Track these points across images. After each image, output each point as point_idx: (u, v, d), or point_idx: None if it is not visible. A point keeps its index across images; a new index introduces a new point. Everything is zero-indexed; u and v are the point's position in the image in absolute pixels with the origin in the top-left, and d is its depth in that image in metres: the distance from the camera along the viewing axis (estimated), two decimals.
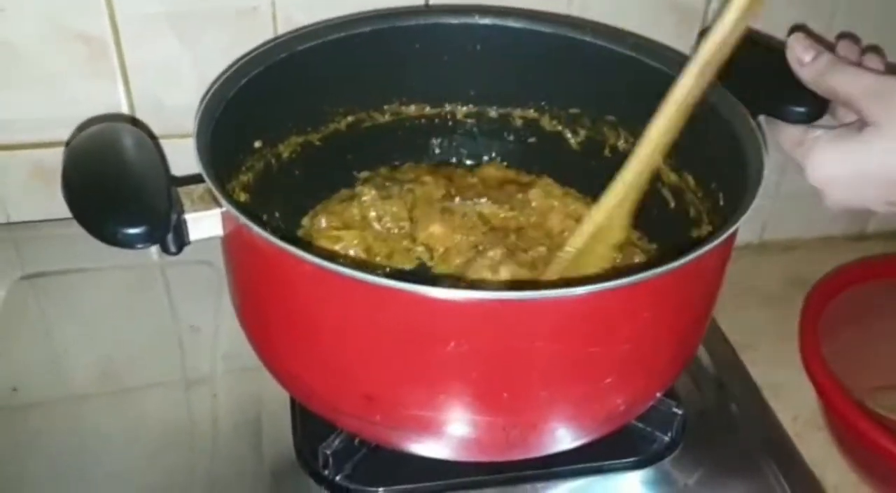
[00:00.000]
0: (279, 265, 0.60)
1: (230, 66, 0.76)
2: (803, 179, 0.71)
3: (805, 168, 0.70)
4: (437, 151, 0.95)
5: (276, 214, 0.86)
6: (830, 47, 0.74)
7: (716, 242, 0.61)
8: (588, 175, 0.92)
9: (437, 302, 0.56)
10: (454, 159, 0.96)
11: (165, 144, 0.91)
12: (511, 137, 0.95)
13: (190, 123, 0.68)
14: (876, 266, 0.97)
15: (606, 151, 0.91)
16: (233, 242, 0.66)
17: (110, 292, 0.93)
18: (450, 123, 0.94)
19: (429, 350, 0.59)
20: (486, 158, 0.97)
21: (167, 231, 0.61)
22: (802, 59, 0.72)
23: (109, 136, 0.67)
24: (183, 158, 0.68)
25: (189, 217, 0.63)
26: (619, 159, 0.87)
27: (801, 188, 0.71)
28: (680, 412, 0.79)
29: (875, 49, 0.77)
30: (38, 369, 0.85)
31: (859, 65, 0.73)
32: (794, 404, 0.88)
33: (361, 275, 0.55)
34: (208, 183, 0.62)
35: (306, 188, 0.89)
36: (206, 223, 0.65)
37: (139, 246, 0.58)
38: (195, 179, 0.65)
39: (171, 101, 0.92)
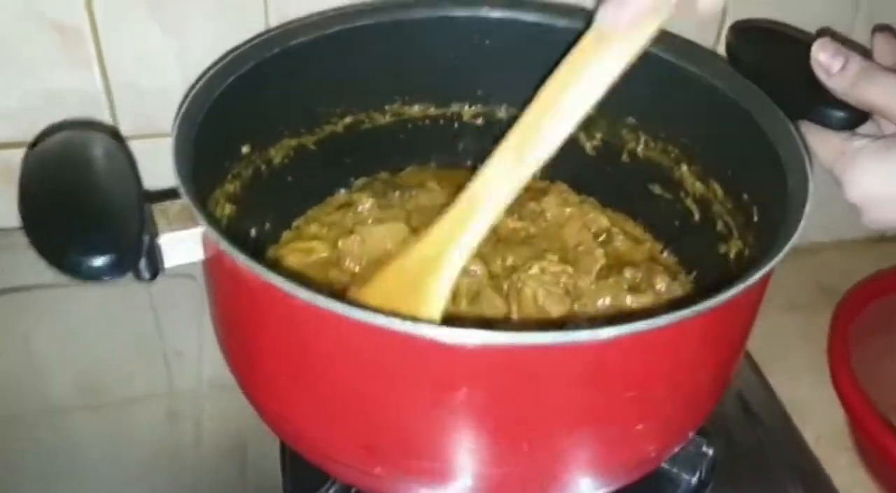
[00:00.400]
0: (266, 298, 0.53)
1: (215, 64, 0.70)
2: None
3: (843, 183, 0.64)
4: (442, 154, 0.89)
5: (266, 226, 0.80)
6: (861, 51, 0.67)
7: (762, 273, 0.54)
8: (604, 182, 0.87)
9: (447, 346, 0.49)
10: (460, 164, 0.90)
11: (147, 143, 0.86)
12: None
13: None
14: None
15: (624, 157, 0.84)
16: (214, 268, 0.59)
17: (87, 310, 0.87)
18: (456, 125, 0.88)
19: (438, 397, 0.52)
20: None
21: (139, 259, 0.54)
22: (830, 68, 0.65)
23: (74, 144, 0.60)
24: (166, 158, 0.61)
25: (164, 240, 0.57)
26: (638, 166, 0.84)
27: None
28: (710, 452, 0.74)
29: None
30: (12, 388, 0.81)
31: None
32: (818, 421, 0.84)
33: (360, 313, 0.48)
34: (186, 200, 0.55)
35: (299, 196, 0.84)
36: (183, 246, 0.58)
37: (106, 279, 0.51)
38: (174, 193, 0.58)
39: (153, 96, 0.86)
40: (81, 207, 0.55)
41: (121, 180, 0.57)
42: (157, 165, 0.65)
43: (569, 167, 0.86)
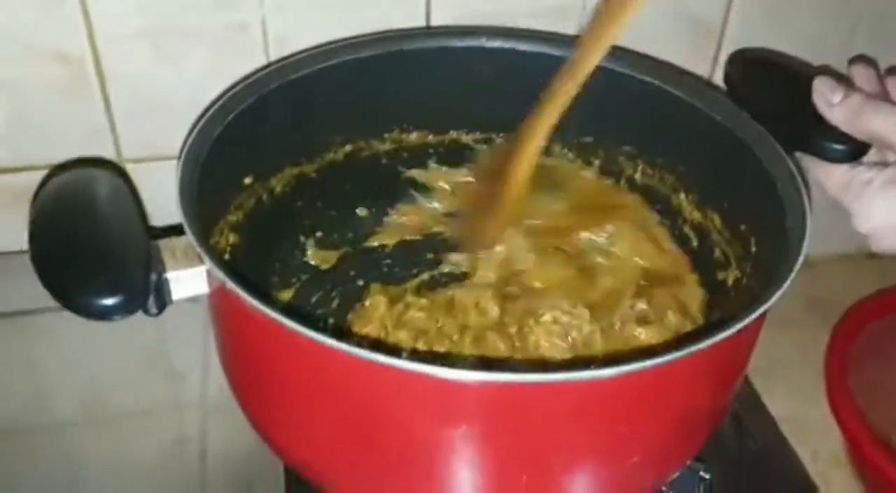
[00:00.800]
0: (270, 334, 0.54)
1: (217, 99, 0.71)
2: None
3: (854, 214, 0.65)
4: None
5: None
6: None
7: (759, 312, 0.55)
8: None
9: (449, 383, 0.50)
10: None
11: (152, 167, 0.88)
12: None
13: (176, 145, 0.64)
14: None
15: (622, 183, 0.85)
16: (219, 303, 0.60)
17: (91, 330, 0.86)
18: (455, 150, 0.88)
19: (438, 432, 0.54)
20: None
21: (147, 297, 0.55)
22: (831, 99, 0.66)
23: (81, 185, 0.61)
24: (170, 180, 0.62)
25: (171, 276, 0.58)
26: (636, 192, 0.85)
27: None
28: (707, 476, 0.74)
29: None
30: (17, 405, 0.81)
31: (886, 96, 0.67)
32: (814, 438, 0.85)
33: (363, 352, 0.49)
34: (192, 242, 0.56)
35: (302, 220, 0.85)
36: (190, 281, 0.59)
37: (116, 318, 0.52)
38: (178, 229, 0.59)
39: (156, 122, 0.87)
40: (91, 250, 0.56)
41: (127, 221, 0.58)
42: (163, 188, 0.66)
43: None
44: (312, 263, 0.86)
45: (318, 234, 0.87)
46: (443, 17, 0.86)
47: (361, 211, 0.89)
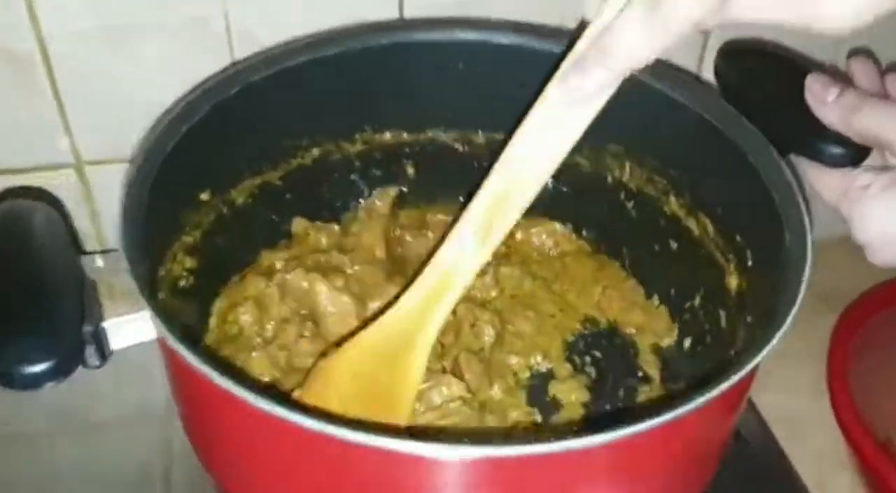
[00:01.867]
0: (218, 396, 0.50)
1: (164, 115, 0.67)
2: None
3: (852, 222, 0.62)
4: (416, 184, 0.87)
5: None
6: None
7: (752, 364, 0.51)
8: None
9: (427, 461, 0.47)
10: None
11: (112, 169, 0.84)
12: None
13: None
14: None
15: (609, 180, 0.81)
16: (164, 352, 0.56)
17: None
18: (430, 149, 0.85)
19: None
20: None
21: (81, 355, 0.51)
22: (824, 97, 0.62)
23: (8, 224, 0.57)
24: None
25: (109, 325, 0.54)
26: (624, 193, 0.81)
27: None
28: None
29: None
30: None
31: (886, 95, 0.64)
32: (815, 438, 0.82)
33: (330, 428, 0.45)
34: (134, 289, 0.52)
35: (265, 233, 0.81)
36: (133, 326, 0.55)
37: (49, 385, 0.48)
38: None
39: (112, 122, 0.83)
40: (15, 307, 0.51)
41: (59, 265, 0.54)
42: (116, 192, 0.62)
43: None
44: None
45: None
46: (416, 7, 0.82)
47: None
